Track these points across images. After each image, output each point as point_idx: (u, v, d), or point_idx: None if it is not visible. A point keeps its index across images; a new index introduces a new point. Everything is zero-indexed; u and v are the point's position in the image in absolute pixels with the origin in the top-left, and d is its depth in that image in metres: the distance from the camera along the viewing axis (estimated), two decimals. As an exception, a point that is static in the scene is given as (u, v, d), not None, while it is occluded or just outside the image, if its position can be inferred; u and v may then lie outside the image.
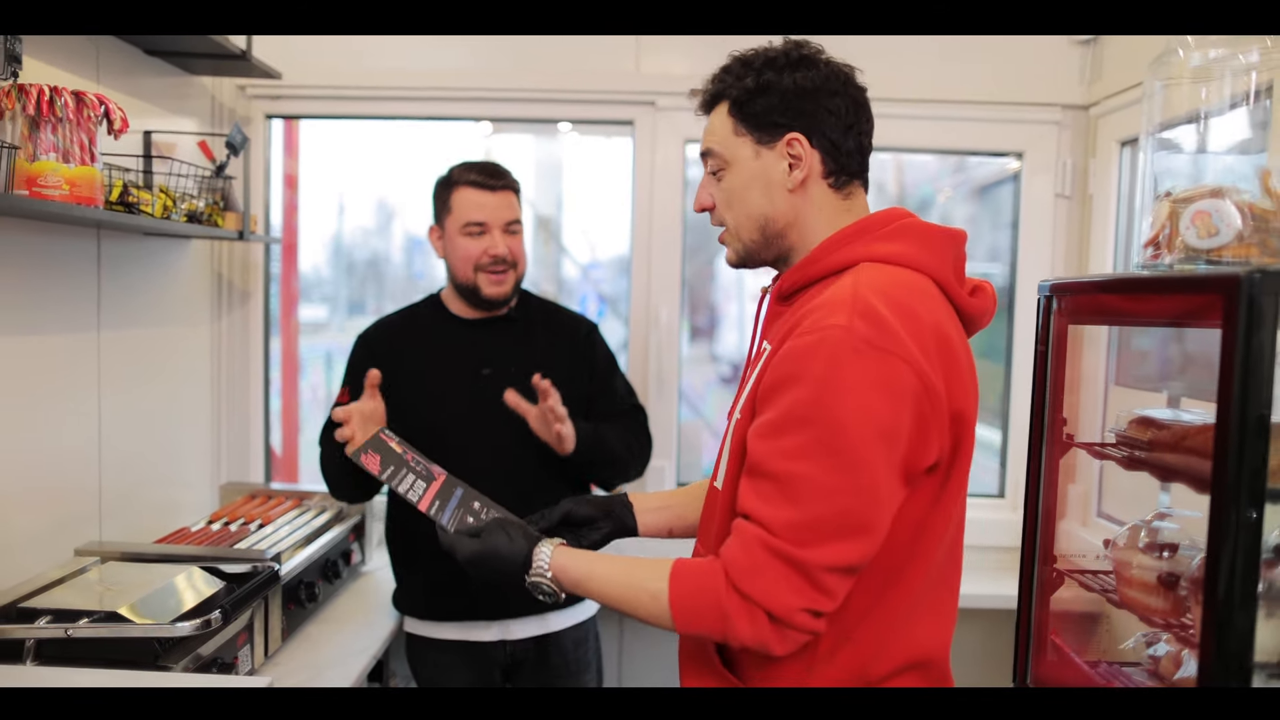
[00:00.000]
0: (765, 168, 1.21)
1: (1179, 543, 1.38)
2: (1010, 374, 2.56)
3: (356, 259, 4.12)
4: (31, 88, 1.56)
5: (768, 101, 1.20)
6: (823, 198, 1.22)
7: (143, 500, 2.18)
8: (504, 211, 1.92)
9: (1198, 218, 1.29)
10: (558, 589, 1.22)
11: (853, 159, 1.22)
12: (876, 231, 1.18)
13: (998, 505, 2.63)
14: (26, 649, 1.51)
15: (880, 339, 1.05)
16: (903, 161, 2.93)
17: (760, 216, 1.23)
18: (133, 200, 1.85)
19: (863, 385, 1.04)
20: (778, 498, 1.06)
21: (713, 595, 1.08)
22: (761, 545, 1.06)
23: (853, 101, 1.22)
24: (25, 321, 1.78)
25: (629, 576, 1.17)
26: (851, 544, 1.05)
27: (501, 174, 1.95)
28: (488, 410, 1.89)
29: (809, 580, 1.05)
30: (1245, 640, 1.12)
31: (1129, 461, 1.40)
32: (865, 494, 1.05)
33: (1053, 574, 1.54)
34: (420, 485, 1.48)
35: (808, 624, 1.07)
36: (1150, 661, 1.45)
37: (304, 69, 2.47)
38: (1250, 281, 1.10)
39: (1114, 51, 2.38)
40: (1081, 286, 1.49)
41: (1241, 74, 1.31)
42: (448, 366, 1.97)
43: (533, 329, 2.02)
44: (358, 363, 2.00)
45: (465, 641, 1.96)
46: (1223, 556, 1.11)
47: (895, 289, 1.11)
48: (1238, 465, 1.11)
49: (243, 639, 1.72)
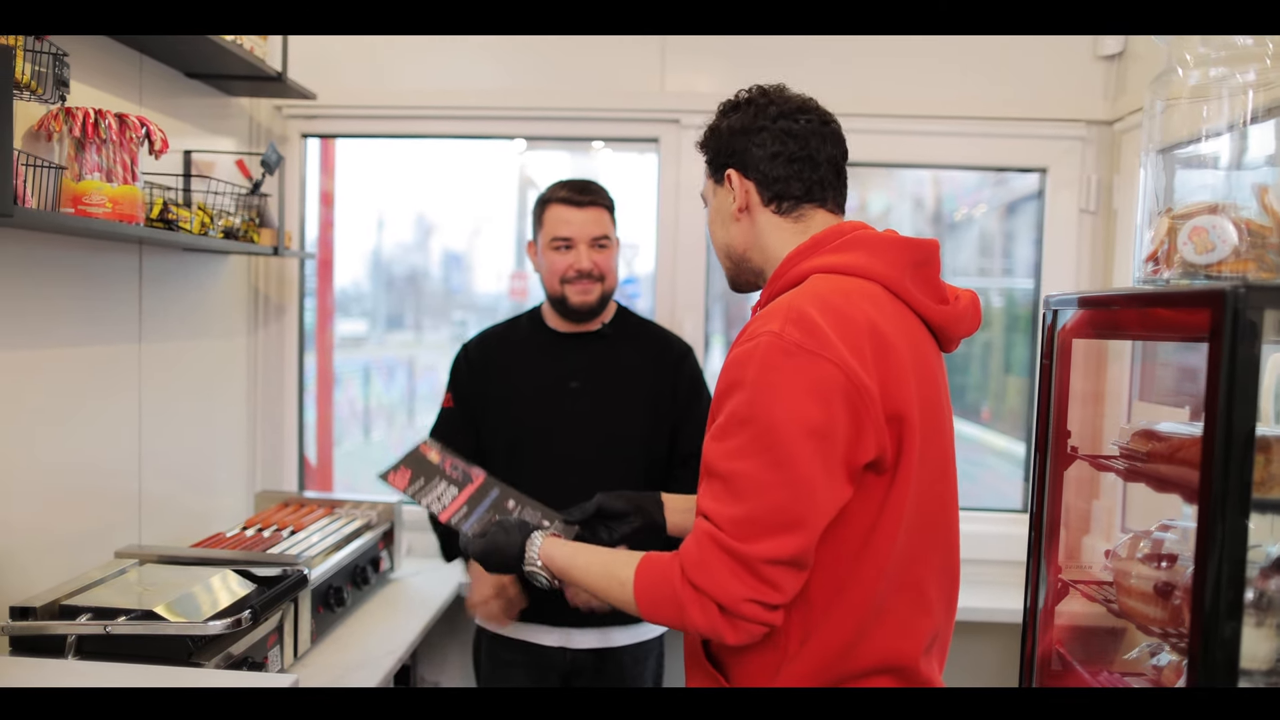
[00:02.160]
0: (720, 202, 1.36)
1: (1178, 553, 1.39)
2: (1035, 388, 2.55)
3: (395, 274, 4.21)
4: (78, 111, 1.64)
5: (715, 144, 1.35)
6: (769, 223, 1.32)
7: (180, 506, 2.27)
8: (590, 227, 1.98)
9: (1195, 234, 1.30)
10: (551, 577, 1.33)
11: (790, 185, 1.30)
12: (828, 245, 1.26)
13: (1020, 520, 2.63)
14: (69, 644, 1.59)
15: (808, 342, 1.12)
16: (940, 177, 2.95)
17: (724, 245, 1.37)
18: (172, 217, 1.94)
19: (792, 387, 1.11)
20: (725, 495, 1.13)
21: (669, 586, 1.15)
22: (710, 540, 1.12)
23: (785, 133, 1.30)
24: (72, 334, 1.87)
25: (604, 567, 1.27)
26: (787, 538, 1.10)
27: (591, 191, 2.01)
28: (573, 422, 1.97)
29: (751, 572, 1.11)
30: (1231, 647, 1.13)
31: (1129, 473, 1.41)
32: (797, 489, 1.10)
33: (1058, 584, 1.55)
34: (450, 493, 1.52)
35: (757, 615, 1.12)
36: (1153, 671, 1.45)
37: (338, 89, 2.55)
38: (1236, 296, 1.11)
39: (1137, 68, 2.38)
40: (1084, 301, 1.51)
41: (1240, 92, 1.32)
42: (538, 378, 2.04)
43: (623, 345, 2.07)
44: (458, 371, 2.12)
45: (528, 643, 2.04)
46: (1209, 566, 1.13)
47: (833, 295, 1.18)
48: (1224, 477, 1.12)
49: (272, 640, 1.79)
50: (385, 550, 2.36)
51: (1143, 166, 1.45)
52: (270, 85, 2.32)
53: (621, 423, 2.02)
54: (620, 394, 2.02)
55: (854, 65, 2.49)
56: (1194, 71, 1.35)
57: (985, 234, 2.97)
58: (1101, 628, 1.68)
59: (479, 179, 3.18)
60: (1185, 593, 1.30)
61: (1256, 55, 1.32)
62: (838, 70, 2.49)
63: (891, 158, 2.60)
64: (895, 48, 2.47)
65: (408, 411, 5.60)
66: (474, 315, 4.66)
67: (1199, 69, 1.35)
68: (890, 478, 1.17)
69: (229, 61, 2.11)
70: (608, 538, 1.53)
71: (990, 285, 2.97)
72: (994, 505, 2.80)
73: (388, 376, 5.29)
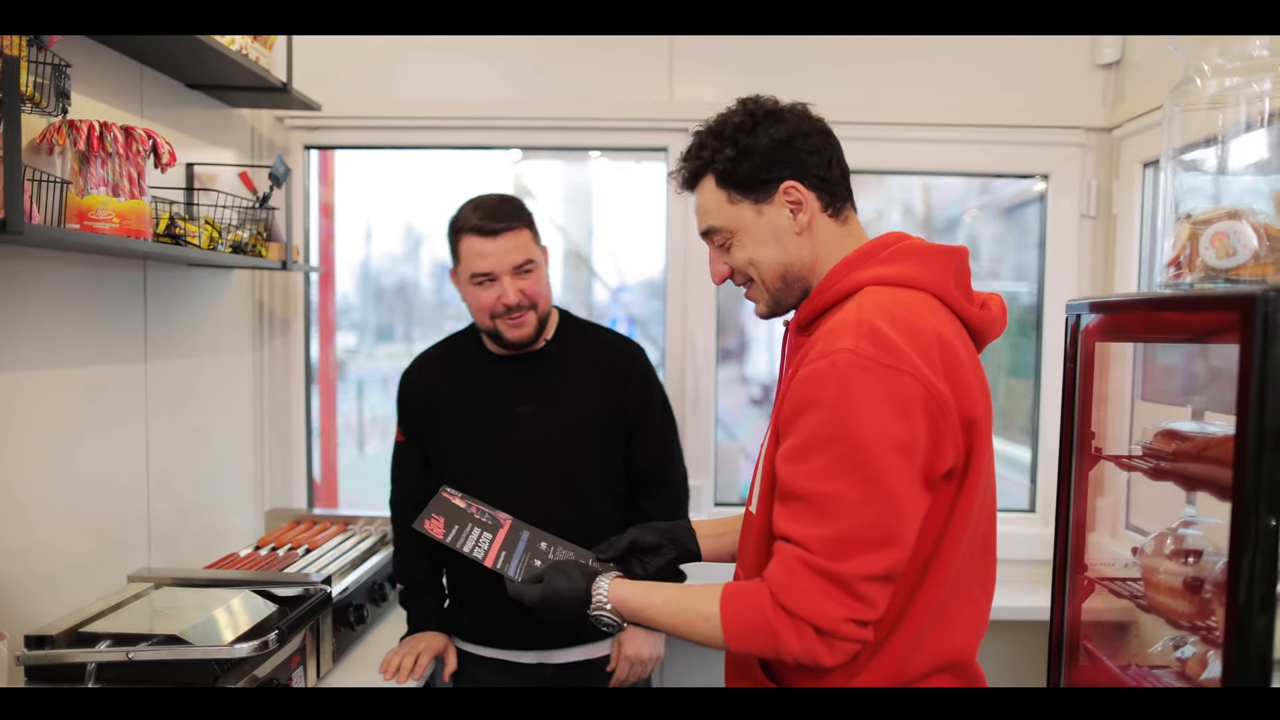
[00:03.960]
0: (770, 221, 1.29)
1: (1203, 549, 1.42)
2: (1039, 390, 2.58)
3: (385, 286, 4.18)
4: (82, 123, 1.60)
5: (752, 163, 1.27)
6: (826, 231, 1.30)
7: (189, 527, 2.24)
8: (510, 255, 1.84)
9: (1216, 239, 1.33)
10: (619, 619, 1.30)
11: (840, 186, 1.30)
12: (877, 255, 1.26)
13: (1029, 520, 2.66)
14: (88, 672, 1.56)
15: (886, 357, 1.11)
16: (929, 184, 2.98)
17: (781, 267, 1.30)
18: (180, 232, 1.91)
19: (875, 402, 1.10)
20: (810, 517, 1.12)
21: (761, 615, 1.14)
22: (800, 563, 1.12)
23: (821, 134, 1.30)
24: (78, 353, 1.84)
25: (683, 604, 1.24)
26: (883, 553, 1.11)
27: (503, 215, 1.85)
28: (527, 449, 1.91)
29: (848, 591, 1.11)
30: (1266, 640, 1.16)
31: (1155, 472, 1.44)
32: (890, 504, 1.11)
33: (1083, 581, 1.58)
34: (486, 538, 1.50)
35: (853, 633, 1.12)
36: (1178, 664, 1.48)
37: (342, 100, 2.53)
38: (1266, 299, 1.14)
39: (1135, 75, 2.43)
40: (1107, 305, 1.54)
41: (1256, 100, 1.35)
42: (484, 405, 1.96)
43: (570, 362, 1.98)
44: (403, 403, 2.04)
45: (506, 661, 2.01)
46: (1243, 562, 1.16)
47: (897, 308, 1.18)
48: (1256, 475, 1.15)
49: (295, 660, 1.77)
50: (400, 566, 2.34)
51: (1162, 171, 1.48)
52: (273, 96, 2.29)
53: (578, 445, 1.95)
54: (572, 415, 1.94)
55: (858, 73, 2.52)
56: (1211, 81, 1.38)
57: (973, 239, 3.01)
58: (1114, 622, 1.71)
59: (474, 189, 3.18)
60: (1215, 586, 1.33)
61: (1271, 65, 1.35)
62: (842, 78, 2.52)
63: (897, 164, 2.63)
64: (898, 56, 2.50)
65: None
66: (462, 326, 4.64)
67: (1216, 78, 1.38)
68: (959, 483, 1.18)
69: (232, 72, 2.08)
70: (642, 572, 1.50)
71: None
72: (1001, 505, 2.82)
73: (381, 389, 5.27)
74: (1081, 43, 2.51)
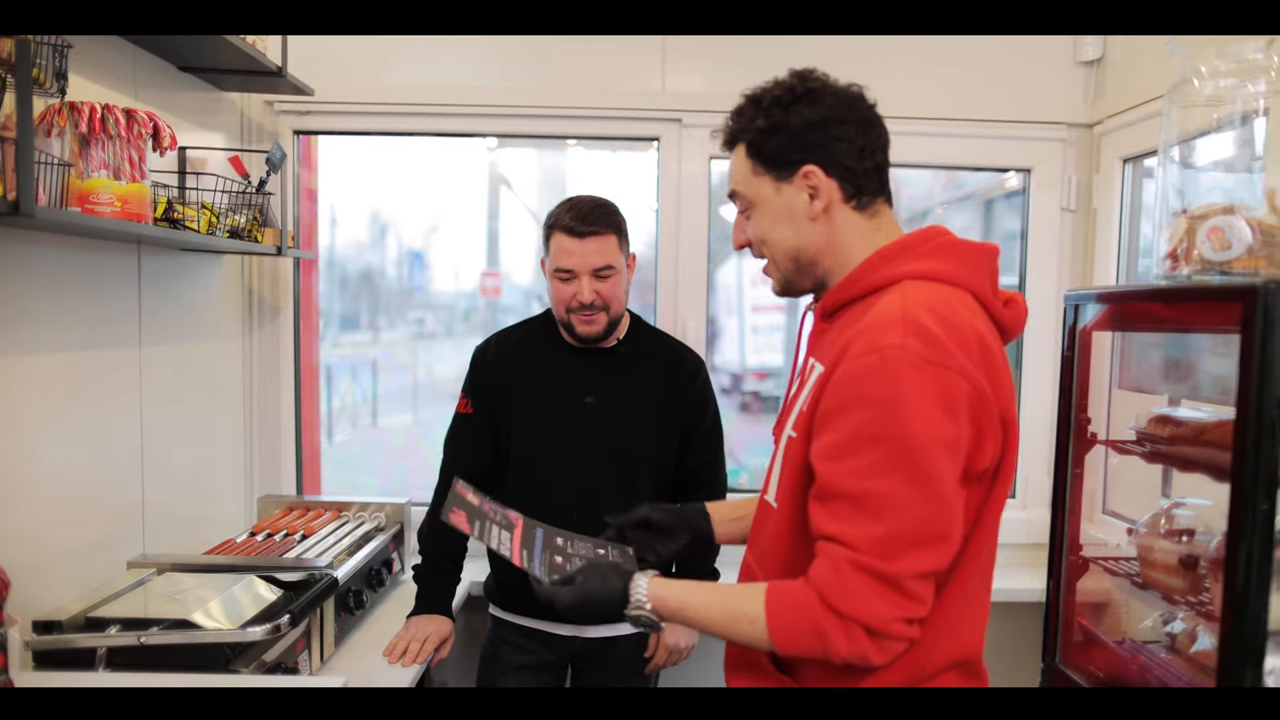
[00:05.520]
0: (788, 201, 1.27)
1: (1195, 528, 1.49)
2: (1021, 380, 2.66)
3: (350, 273, 4.14)
4: (83, 105, 1.59)
5: (780, 140, 1.25)
6: (848, 221, 1.27)
7: (181, 514, 2.23)
8: (592, 258, 1.93)
9: (1213, 233, 1.40)
10: (658, 619, 1.27)
11: (870, 179, 1.26)
12: (917, 249, 1.24)
13: (1009, 505, 2.72)
14: (99, 657, 1.57)
15: (934, 354, 1.10)
16: (899, 177, 3.04)
17: (792, 248, 1.29)
18: (178, 216, 1.89)
19: (924, 400, 1.09)
20: (857, 516, 1.11)
21: (809, 617, 1.12)
22: (850, 564, 1.10)
23: (862, 124, 1.26)
24: (74, 338, 1.82)
25: (725, 605, 1.22)
26: (932, 551, 1.10)
27: (595, 219, 1.94)
28: (588, 437, 1.99)
29: (899, 590, 1.09)
30: (1260, 615, 1.23)
31: (1151, 455, 1.51)
32: (939, 503, 1.10)
33: (1079, 561, 1.64)
34: (505, 536, 1.48)
35: (903, 632, 1.11)
36: (1167, 638, 1.55)
37: (333, 85, 2.52)
38: (1266, 291, 1.21)
39: (1115, 73, 2.51)
40: (1105, 296, 1.60)
41: (1250, 100, 1.42)
42: (554, 391, 2.04)
43: (639, 363, 2.07)
44: (476, 375, 2.11)
45: (542, 631, 2.08)
46: (1242, 540, 1.22)
47: (940, 305, 1.16)
48: (1255, 457, 1.22)
49: (301, 645, 1.78)
50: (395, 552, 2.35)
51: (1159, 167, 1.54)
52: (264, 80, 2.27)
53: (636, 441, 2.04)
54: (635, 412, 2.04)
55: (847, 67, 2.52)
56: (1208, 82, 1.44)
57: None
58: (1102, 602, 1.78)
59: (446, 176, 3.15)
60: (1210, 563, 1.40)
61: (1264, 67, 1.42)
62: (831, 70, 2.54)
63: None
64: (886, 51, 2.55)
65: (371, 413, 5.51)
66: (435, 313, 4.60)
67: (1212, 79, 1.44)
68: (991, 481, 1.19)
69: (227, 55, 2.06)
70: (654, 560, 1.49)
71: None
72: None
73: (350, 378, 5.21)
74: (1064, 41, 2.58)
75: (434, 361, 4.90)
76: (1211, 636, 1.40)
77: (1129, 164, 2.44)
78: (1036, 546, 2.66)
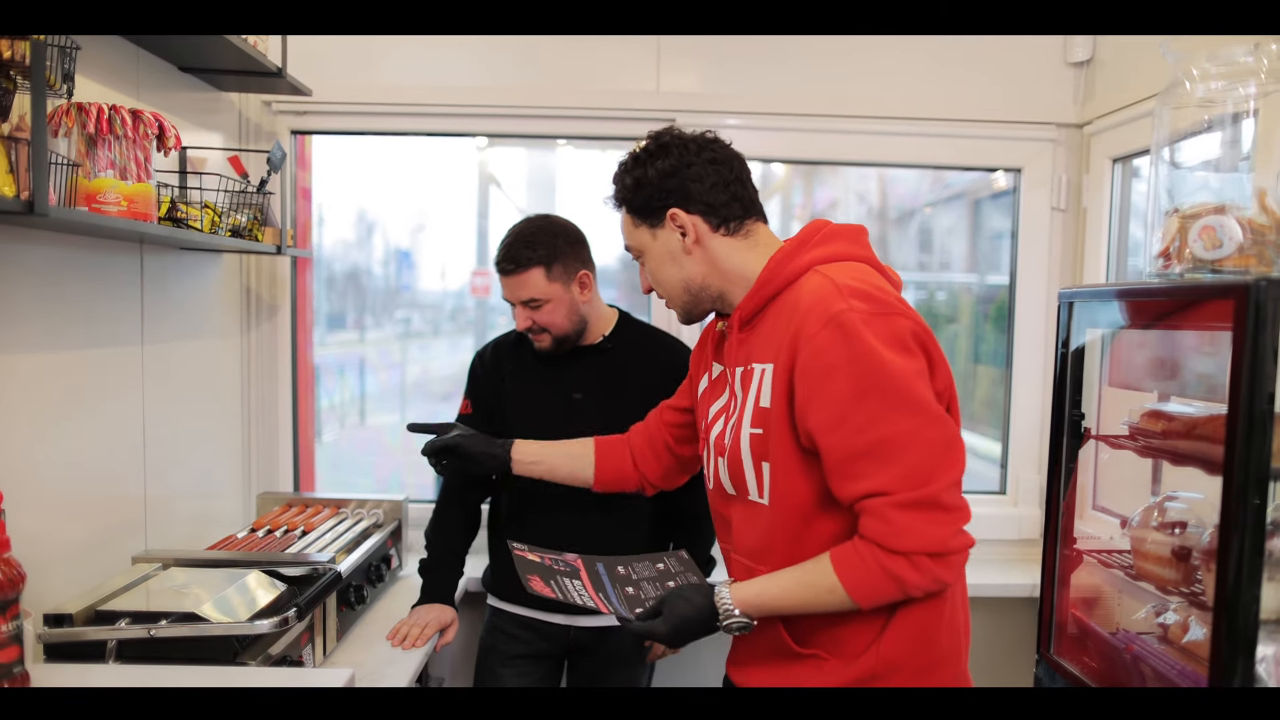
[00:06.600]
0: (665, 243, 1.44)
1: (1187, 521, 1.53)
2: (1011, 377, 2.69)
3: (336, 272, 4.14)
4: (91, 106, 1.60)
5: (644, 193, 1.43)
6: (722, 246, 1.42)
7: (182, 510, 2.24)
8: (518, 291, 2.01)
9: (1204, 232, 1.44)
10: (750, 619, 1.36)
11: (732, 207, 1.42)
12: (811, 241, 1.39)
13: (999, 501, 2.78)
14: (109, 649, 1.58)
15: (877, 307, 1.25)
16: (884, 175, 3.07)
17: (680, 282, 1.46)
18: (181, 215, 1.91)
19: (886, 346, 1.22)
20: (877, 465, 1.22)
21: (878, 568, 1.23)
22: (892, 507, 1.21)
23: (711, 163, 1.42)
24: (78, 336, 1.83)
25: (801, 583, 1.31)
26: (951, 461, 1.23)
27: (513, 257, 2.00)
28: (580, 429, 2.01)
29: (940, 508, 1.21)
30: (1251, 607, 1.26)
31: (1144, 450, 1.54)
32: (936, 420, 1.23)
33: (1073, 554, 1.68)
34: (578, 585, 1.53)
35: (962, 542, 1.24)
36: (1160, 629, 1.59)
37: (330, 86, 2.53)
38: (1258, 289, 1.24)
39: (1104, 74, 2.55)
40: (1100, 294, 1.63)
41: (1241, 102, 1.46)
42: (544, 389, 2.10)
43: (626, 358, 2.13)
44: (474, 376, 2.19)
45: (537, 620, 2.12)
46: (1234, 532, 1.26)
47: (856, 273, 1.31)
48: (1246, 451, 1.26)
49: (305, 639, 1.80)
50: (394, 548, 2.37)
51: (1151, 168, 1.58)
52: (262, 80, 2.28)
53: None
54: (623, 404, 2.06)
55: (837, 67, 2.59)
56: (1199, 84, 1.48)
57: (924, 229, 3.11)
58: (1091, 597, 1.82)
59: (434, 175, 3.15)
60: (1203, 554, 1.43)
61: (1254, 70, 1.45)
62: (821, 72, 2.58)
63: (874, 157, 2.70)
64: (877, 50, 2.58)
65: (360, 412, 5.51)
66: (422, 313, 4.61)
67: (1203, 81, 1.48)
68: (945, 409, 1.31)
69: (227, 56, 2.08)
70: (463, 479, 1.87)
71: (929, 280, 3.11)
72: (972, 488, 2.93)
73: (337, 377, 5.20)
74: (1054, 41, 2.61)
75: (421, 361, 4.92)
76: (1204, 627, 1.44)
77: (1118, 164, 2.48)
78: (1027, 543, 2.71)
